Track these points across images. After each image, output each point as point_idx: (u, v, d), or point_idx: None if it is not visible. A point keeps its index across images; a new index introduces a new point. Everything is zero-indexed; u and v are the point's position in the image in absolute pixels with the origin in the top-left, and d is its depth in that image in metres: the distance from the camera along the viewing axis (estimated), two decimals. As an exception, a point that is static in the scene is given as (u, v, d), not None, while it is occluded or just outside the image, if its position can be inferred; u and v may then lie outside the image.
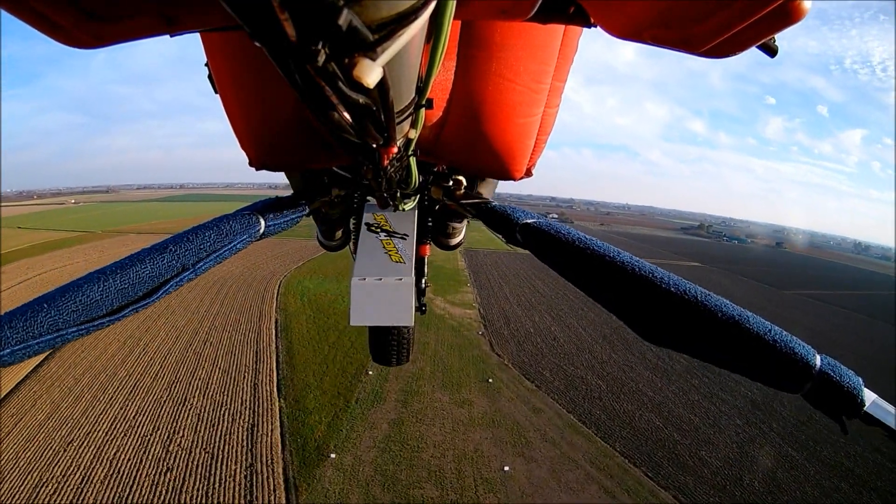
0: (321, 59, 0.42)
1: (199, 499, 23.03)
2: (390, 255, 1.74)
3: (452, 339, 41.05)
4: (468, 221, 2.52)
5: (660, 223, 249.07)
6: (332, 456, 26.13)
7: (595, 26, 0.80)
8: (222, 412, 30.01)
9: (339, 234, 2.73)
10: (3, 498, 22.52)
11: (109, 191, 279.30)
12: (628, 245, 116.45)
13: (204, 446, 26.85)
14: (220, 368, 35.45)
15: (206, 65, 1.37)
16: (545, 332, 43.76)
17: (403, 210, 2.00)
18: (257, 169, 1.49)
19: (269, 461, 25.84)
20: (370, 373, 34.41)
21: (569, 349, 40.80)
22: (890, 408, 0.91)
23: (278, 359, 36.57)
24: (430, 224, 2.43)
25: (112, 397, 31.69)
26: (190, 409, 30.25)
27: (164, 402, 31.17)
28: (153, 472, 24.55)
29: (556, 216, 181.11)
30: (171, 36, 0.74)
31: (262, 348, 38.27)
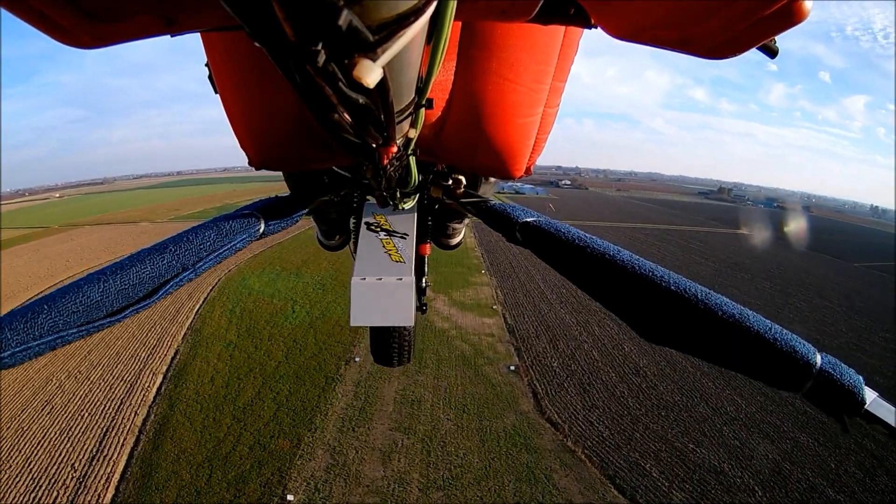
0: (321, 59, 0.41)
1: None
2: (390, 254, 1.69)
3: (465, 384, 22.34)
4: (468, 221, 2.52)
5: (674, 188, 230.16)
6: None
7: (595, 27, 0.79)
8: None
9: (338, 234, 2.60)
10: None
11: (105, 182, 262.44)
12: (657, 211, 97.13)
13: None
14: (30, 476, 17.44)
15: (206, 65, 1.33)
16: (620, 361, 24.84)
17: (403, 209, 1.91)
18: (257, 168, 1.45)
19: None
20: (290, 498, 15.71)
21: (669, 394, 21.94)
22: (890, 406, 0.89)
23: (132, 456, 18.17)
24: (429, 223, 2.30)
25: None
26: None
27: None
28: None
29: (568, 182, 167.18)
30: (172, 36, 0.73)
31: (117, 425, 19.92)
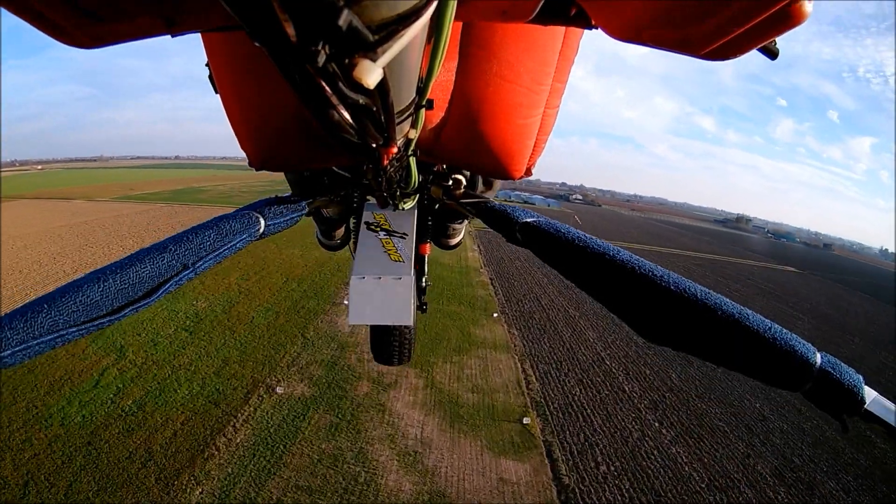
0: (321, 59, 0.40)
1: None
2: (390, 254, 1.68)
3: None
4: (468, 221, 2.51)
5: (687, 214, 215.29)
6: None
7: (596, 28, 0.78)
8: None
9: (338, 233, 2.61)
10: None
11: (99, 160, 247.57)
12: (689, 238, 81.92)
13: None
14: None
15: (207, 65, 1.32)
16: None
17: (403, 209, 1.90)
18: (257, 169, 1.44)
19: None
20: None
21: None
22: (890, 405, 0.88)
23: None
24: (429, 224, 2.29)
25: None
26: None
27: None
28: None
29: (580, 198, 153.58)
30: (172, 36, 0.71)
31: None
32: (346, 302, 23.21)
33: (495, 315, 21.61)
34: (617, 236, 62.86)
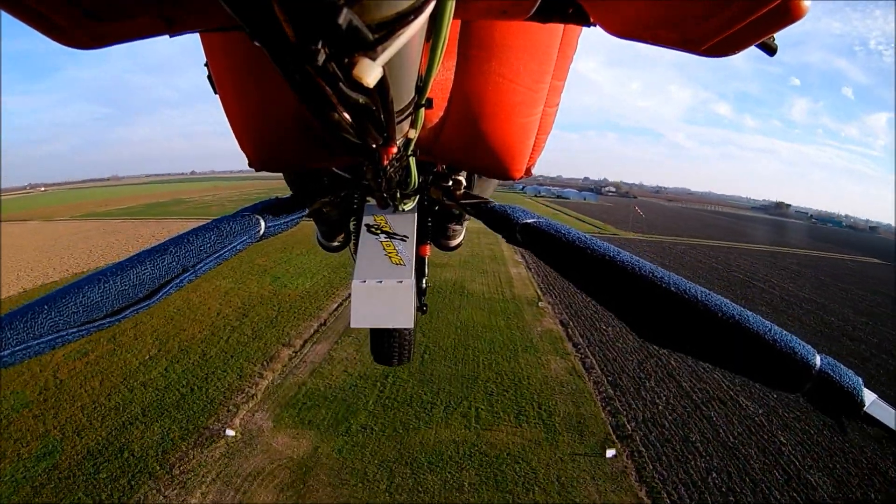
0: (321, 58, 0.39)
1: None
2: (390, 257, 1.66)
3: None
4: (467, 222, 2.53)
5: (722, 202, 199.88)
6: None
7: (595, 25, 0.78)
8: None
9: (339, 235, 2.53)
10: None
11: (111, 179, 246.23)
12: (757, 230, 72.95)
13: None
14: None
15: (206, 65, 1.31)
16: None
17: (403, 210, 1.87)
18: (257, 169, 1.43)
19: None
20: None
21: None
22: (889, 408, 0.87)
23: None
24: (429, 224, 2.27)
25: None
26: None
27: None
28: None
29: (612, 190, 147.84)
30: (171, 36, 0.70)
31: None
32: (233, 427, 12.13)
33: (611, 454, 9.36)
34: (685, 232, 51.64)
